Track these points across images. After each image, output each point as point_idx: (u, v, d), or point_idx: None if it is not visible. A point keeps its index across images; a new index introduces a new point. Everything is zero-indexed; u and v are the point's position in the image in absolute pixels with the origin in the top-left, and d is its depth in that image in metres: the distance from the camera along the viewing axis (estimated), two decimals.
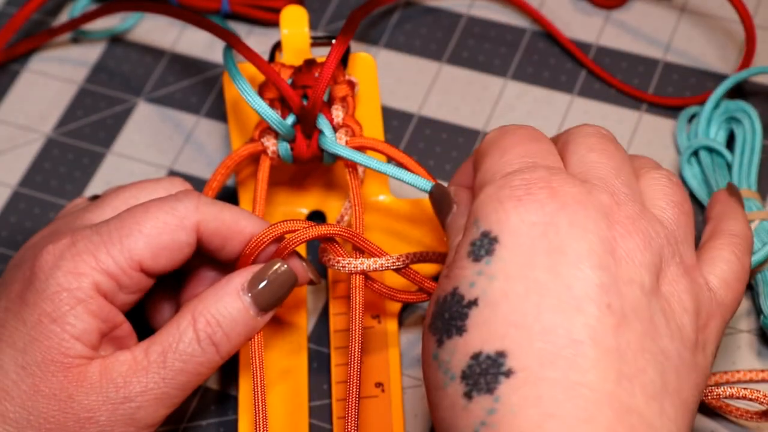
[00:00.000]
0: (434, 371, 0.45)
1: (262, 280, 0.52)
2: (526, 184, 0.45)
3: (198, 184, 0.63)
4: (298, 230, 0.53)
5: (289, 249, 0.53)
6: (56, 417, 0.49)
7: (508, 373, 0.42)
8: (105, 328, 0.50)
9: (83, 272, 0.49)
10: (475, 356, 0.43)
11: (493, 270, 0.44)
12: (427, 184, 0.54)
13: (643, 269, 0.44)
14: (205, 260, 0.54)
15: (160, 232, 0.51)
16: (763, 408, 0.54)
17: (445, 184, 0.54)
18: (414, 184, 0.55)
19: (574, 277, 0.43)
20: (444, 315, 0.45)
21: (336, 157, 0.58)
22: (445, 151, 0.64)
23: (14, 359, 0.49)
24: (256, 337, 0.53)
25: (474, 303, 0.44)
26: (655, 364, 0.43)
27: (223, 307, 0.51)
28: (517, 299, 0.43)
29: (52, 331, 0.49)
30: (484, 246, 0.44)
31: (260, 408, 0.52)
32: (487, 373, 0.42)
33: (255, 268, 0.52)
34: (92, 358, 0.50)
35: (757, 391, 0.52)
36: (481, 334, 0.43)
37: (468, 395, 0.43)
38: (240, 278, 0.52)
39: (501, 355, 0.43)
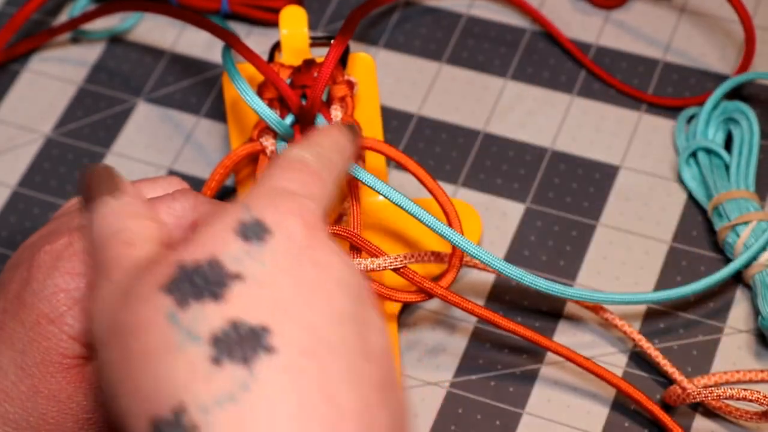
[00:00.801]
0: (163, 330, 0.40)
1: None
2: (300, 204, 0.44)
3: (197, 184, 0.63)
4: None
5: None
6: (55, 418, 0.49)
7: (270, 350, 0.39)
8: None
9: (81, 272, 0.49)
10: (235, 324, 0.40)
11: (264, 257, 0.42)
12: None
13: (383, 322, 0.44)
14: None
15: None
16: (762, 408, 0.54)
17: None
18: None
19: (329, 294, 0.42)
20: (193, 278, 0.41)
21: None
22: (445, 151, 0.64)
23: (13, 360, 0.49)
24: None
25: (238, 277, 0.41)
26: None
27: None
28: (284, 289, 0.41)
29: (51, 332, 0.49)
30: (256, 232, 0.42)
31: None
32: (245, 342, 0.39)
33: None
34: (91, 359, 0.50)
35: (757, 392, 0.52)
36: (246, 305, 0.40)
37: (217, 360, 0.39)
38: None
39: (265, 329, 0.40)
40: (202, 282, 0.41)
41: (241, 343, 0.39)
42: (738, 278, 0.59)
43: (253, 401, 0.38)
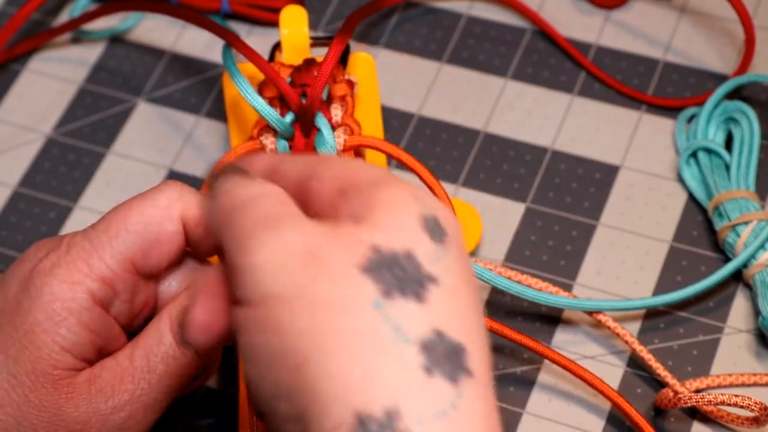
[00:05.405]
0: (371, 318, 0.38)
1: None
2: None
3: (197, 185, 0.63)
4: None
5: None
6: (47, 427, 0.48)
7: (469, 373, 0.39)
8: (100, 342, 0.49)
9: (77, 281, 0.48)
10: (440, 335, 0.38)
11: (449, 262, 0.40)
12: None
13: None
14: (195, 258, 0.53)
15: (146, 226, 0.49)
16: (753, 414, 0.54)
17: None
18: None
19: (480, 306, 0.42)
20: (394, 269, 0.39)
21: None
22: (445, 151, 0.64)
23: (6, 367, 0.48)
24: None
25: (434, 280, 0.39)
26: None
27: None
28: (468, 304, 0.40)
29: (43, 341, 0.48)
30: (437, 232, 0.40)
31: None
32: (451, 359, 0.38)
33: None
34: (81, 369, 0.49)
35: (747, 398, 0.52)
36: (445, 316, 0.39)
37: (429, 371, 0.38)
38: None
39: (463, 350, 0.39)
40: (402, 274, 0.39)
41: (448, 359, 0.38)
42: (738, 278, 0.59)
43: (459, 421, 0.38)
